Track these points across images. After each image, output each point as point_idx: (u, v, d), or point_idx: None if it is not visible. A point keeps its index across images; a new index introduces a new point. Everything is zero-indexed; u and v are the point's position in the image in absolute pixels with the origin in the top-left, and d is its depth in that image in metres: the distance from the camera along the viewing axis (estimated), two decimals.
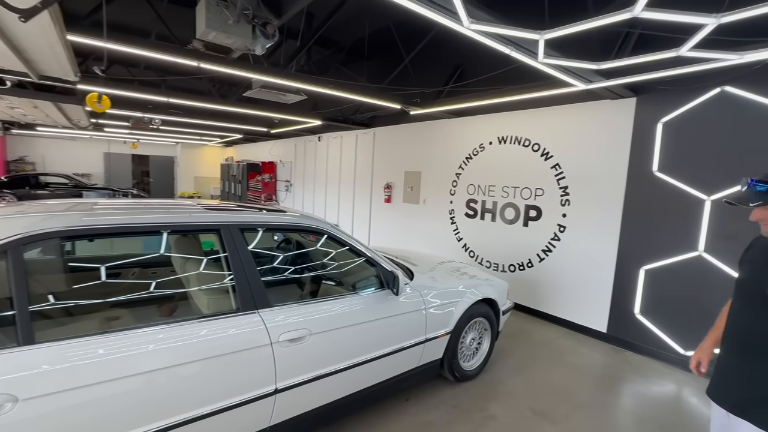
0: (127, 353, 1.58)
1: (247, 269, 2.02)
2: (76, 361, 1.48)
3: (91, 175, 15.70)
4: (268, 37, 2.41)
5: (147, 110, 7.59)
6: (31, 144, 14.45)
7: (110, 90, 5.15)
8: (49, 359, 1.43)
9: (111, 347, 1.56)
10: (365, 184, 8.06)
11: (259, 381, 1.92)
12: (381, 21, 5.02)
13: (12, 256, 1.47)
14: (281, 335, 1.99)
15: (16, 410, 1.33)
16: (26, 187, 11.91)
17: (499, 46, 2.69)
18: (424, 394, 3.04)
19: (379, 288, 2.55)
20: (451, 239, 6.07)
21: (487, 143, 5.48)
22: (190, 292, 2.12)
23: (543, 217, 4.80)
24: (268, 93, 5.16)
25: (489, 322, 3.37)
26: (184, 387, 1.70)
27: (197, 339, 1.76)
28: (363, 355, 2.36)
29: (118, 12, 4.92)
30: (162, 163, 17.43)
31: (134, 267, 2.65)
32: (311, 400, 2.18)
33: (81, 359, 1.49)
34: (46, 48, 2.82)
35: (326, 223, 2.51)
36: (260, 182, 12.26)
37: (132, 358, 1.58)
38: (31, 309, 1.47)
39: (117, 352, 1.56)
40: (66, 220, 1.66)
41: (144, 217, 1.87)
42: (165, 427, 1.64)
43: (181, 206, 2.18)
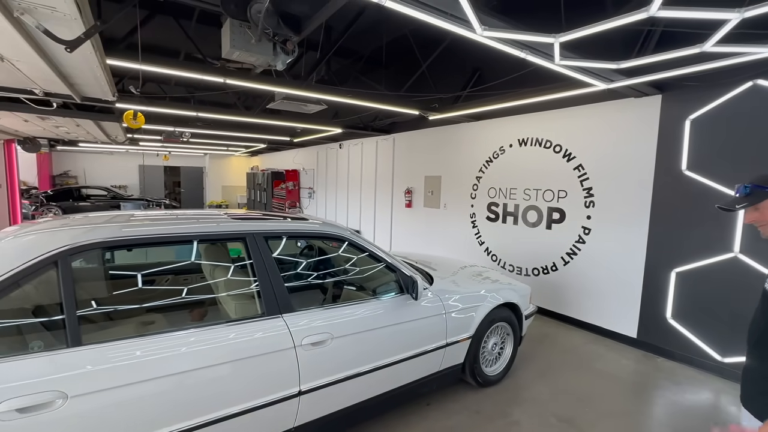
0: (162, 355, 1.69)
1: (272, 275, 2.12)
2: (117, 362, 1.60)
3: (128, 187, 16.59)
4: (288, 53, 2.53)
5: (178, 124, 7.99)
6: (73, 159, 15.44)
7: (144, 107, 5.47)
8: (93, 360, 1.56)
9: (147, 349, 1.68)
10: (386, 190, 8.13)
11: (283, 383, 2.00)
12: (397, 30, 5.10)
13: (61, 265, 1.62)
14: (304, 339, 2.07)
15: (66, 406, 1.46)
16: (70, 200, 12.74)
17: (513, 50, 2.70)
18: (446, 398, 3.05)
19: (399, 293, 2.60)
20: (472, 243, 6.03)
21: (507, 146, 5.44)
22: (219, 297, 2.24)
23: (567, 219, 4.70)
24: (290, 104, 5.33)
25: (511, 326, 3.34)
26: (212, 388, 1.80)
27: (225, 342, 1.86)
28: (384, 359, 2.41)
29: (150, 33, 5.25)
30: (192, 173, 18.19)
31: (168, 274, 2.81)
32: (334, 403, 2.24)
33: (120, 360, 1.61)
34: (87, 73, 3.06)
35: (346, 230, 2.58)
36: (284, 190, 12.58)
37: (166, 360, 1.69)
38: (79, 313, 1.61)
39: (152, 354, 1.68)
40: (107, 232, 1.80)
41: (176, 228, 2.00)
42: (196, 425, 1.74)
43: (209, 216, 2.32)
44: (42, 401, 1.42)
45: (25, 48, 2.37)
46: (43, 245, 1.62)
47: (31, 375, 1.43)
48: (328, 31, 5.16)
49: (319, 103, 5.39)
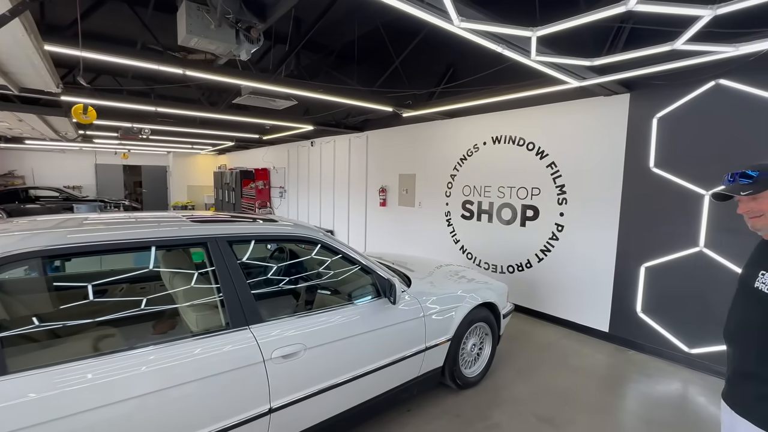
0: (117, 377, 1.49)
1: (237, 283, 1.93)
2: (63, 387, 1.38)
3: (82, 188, 15.51)
4: (252, 41, 2.33)
5: (137, 120, 7.48)
6: (19, 157, 14.25)
7: (97, 101, 5.04)
8: (24, 389, 1.33)
9: (100, 371, 1.47)
10: (360, 189, 7.98)
11: (252, 401, 1.83)
12: (370, 23, 4.96)
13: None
14: (274, 351, 1.90)
15: None
16: (16, 202, 11.73)
17: (490, 44, 2.63)
18: (426, 403, 2.96)
19: (376, 297, 2.47)
20: (448, 242, 6.00)
21: (481, 143, 5.43)
22: (179, 308, 2.03)
23: (540, 216, 4.74)
24: (258, 99, 5.07)
25: (490, 326, 3.29)
26: (172, 410, 1.61)
27: (186, 359, 1.67)
28: (361, 368, 2.28)
29: (102, 22, 4.83)
30: (154, 172, 17.25)
31: (122, 283, 2.55)
32: (308, 418, 2.09)
33: (65, 386, 1.39)
34: (23, 59, 2.73)
35: (318, 232, 2.43)
36: (254, 189, 12.15)
37: (121, 382, 1.49)
38: (2, 335, 1.38)
39: (105, 376, 1.47)
40: (48, 239, 1.57)
41: (129, 233, 1.78)
42: None
43: (168, 219, 2.10)
44: None
45: None
46: None
47: None
48: (298, 23, 4.94)
49: (288, 98, 5.17)
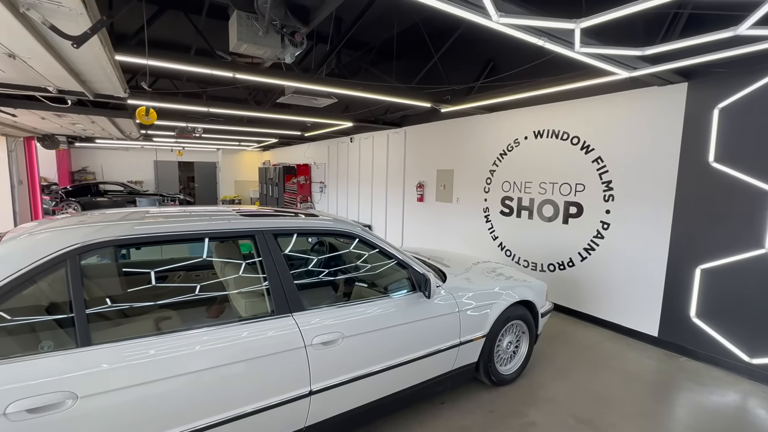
0: (174, 354, 1.67)
1: (281, 273, 2.08)
2: (129, 361, 1.58)
3: (143, 182, 16.87)
4: (296, 45, 2.46)
5: (190, 120, 8.03)
6: (91, 155, 15.76)
7: (156, 103, 5.49)
8: (104, 359, 1.54)
9: (161, 348, 1.66)
10: (398, 184, 8.05)
11: (294, 382, 1.97)
12: (409, 19, 4.98)
13: (70, 264, 1.60)
14: (315, 338, 2.03)
15: (76, 407, 1.45)
16: (88, 195, 13.03)
17: (530, 38, 2.58)
18: (460, 397, 2.99)
19: (411, 290, 2.54)
20: (486, 238, 5.92)
21: (522, 138, 5.28)
22: (230, 295, 2.21)
23: (584, 213, 4.55)
24: (300, 98, 5.27)
25: (527, 324, 3.25)
26: (223, 387, 1.77)
27: (236, 341, 1.83)
28: (396, 358, 2.36)
29: (161, 29, 5.24)
30: (205, 168, 18.39)
31: (180, 271, 2.81)
32: (345, 402, 2.21)
33: (133, 359, 1.59)
34: (98, 69, 3.05)
35: (356, 226, 2.52)
36: (296, 184, 12.60)
37: (178, 359, 1.67)
38: (88, 312, 1.60)
39: (165, 353, 1.66)
40: (119, 230, 1.78)
41: (187, 225, 1.97)
42: (207, 425, 1.72)
43: (219, 213, 2.28)
44: (52, 402, 1.41)
45: (34, 45, 2.36)
46: (53, 244, 1.61)
47: (40, 375, 1.42)
48: (338, 23, 5.06)
49: (329, 96, 5.32)
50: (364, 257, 2.74)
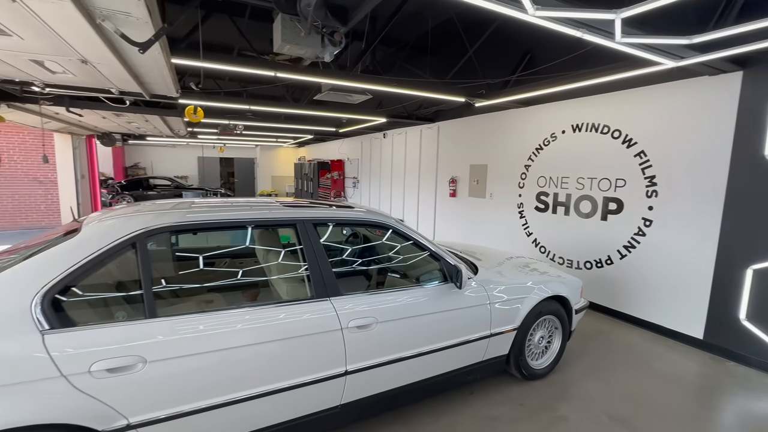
0: (222, 330, 1.85)
1: (320, 260, 2.22)
2: (184, 334, 1.77)
3: (188, 177, 17.89)
4: (335, 44, 2.58)
5: (232, 117, 8.46)
6: (142, 152, 16.92)
7: (203, 102, 5.85)
8: (165, 331, 1.74)
9: (209, 324, 1.84)
10: (430, 179, 8.07)
11: (331, 362, 2.10)
12: (443, 14, 4.99)
13: (139, 246, 1.81)
14: (350, 322, 2.15)
15: (145, 370, 1.65)
16: (140, 189, 14.01)
17: (568, 30, 2.54)
18: (490, 389, 3.03)
19: (443, 281, 2.60)
20: (520, 234, 5.84)
21: (559, 132, 5.15)
22: (272, 279, 2.38)
23: (625, 210, 4.39)
24: (336, 95, 5.43)
25: (560, 320, 3.22)
26: (267, 363, 1.93)
27: (278, 321, 1.98)
28: (426, 346, 2.44)
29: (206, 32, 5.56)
30: (244, 164, 19.22)
31: (225, 257, 3.03)
32: (378, 384, 2.32)
33: (187, 332, 1.78)
34: (156, 72, 3.34)
35: (391, 218, 2.62)
36: (330, 179, 12.91)
37: (226, 335, 1.85)
38: (154, 289, 1.81)
39: (213, 329, 1.84)
40: (175, 217, 1.99)
41: (234, 214, 2.15)
42: (251, 395, 1.89)
43: (262, 204, 2.46)
44: (126, 364, 1.62)
45: (105, 51, 2.63)
46: (125, 228, 1.82)
47: (117, 341, 1.63)
48: (373, 21, 5.16)
49: (364, 93, 5.44)
50: (397, 248, 2.83)
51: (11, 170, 9.49)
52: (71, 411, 1.53)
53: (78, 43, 2.57)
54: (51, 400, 1.50)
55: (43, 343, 1.52)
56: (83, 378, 1.55)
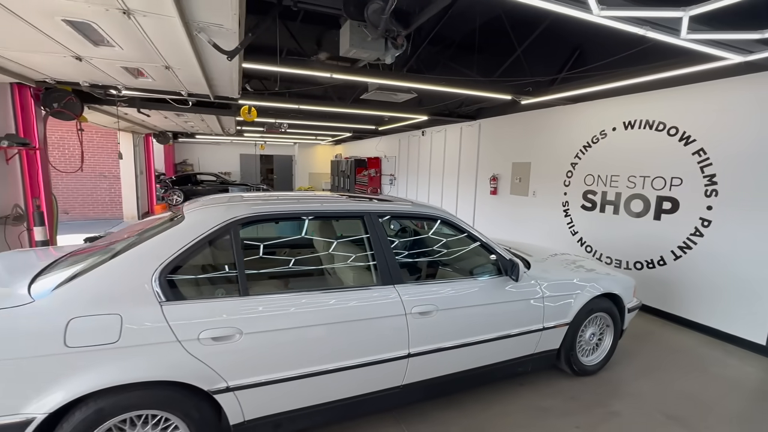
0: (300, 309, 2.05)
1: (385, 249, 2.38)
2: (273, 311, 1.99)
3: (231, 173, 18.78)
4: (397, 47, 2.73)
5: (277, 116, 8.85)
6: (190, 149, 17.94)
7: (256, 102, 6.20)
8: (257, 307, 1.96)
9: (290, 303, 2.05)
10: (470, 177, 8.09)
11: (396, 344, 2.26)
12: (491, 12, 5.01)
13: (233, 232, 2.05)
14: (413, 308, 2.30)
15: (242, 340, 1.88)
16: (188, 184, 14.90)
17: (631, 28, 2.55)
18: (539, 382, 3.09)
19: (497, 274, 2.70)
20: (564, 233, 5.77)
21: (609, 129, 5.05)
22: (342, 266, 2.54)
23: (681, 209, 4.26)
24: (382, 94, 5.60)
25: (612, 318, 3.23)
26: (338, 341, 2.12)
27: (348, 304, 2.16)
28: (482, 335, 2.55)
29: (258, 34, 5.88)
30: (283, 161, 19.91)
31: (299, 246, 3.19)
32: (436, 369, 2.46)
33: (275, 310, 2.00)
34: (226, 76, 3.64)
35: (449, 213, 2.75)
36: (366, 176, 13.16)
37: (303, 314, 2.04)
38: (247, 271, 2.04)
39: (294, 308, 2.04)
40: (262, 208, 2.20)
41: (310, 206, 2.36)
42: (325, 370, 2.08)
43: (333, 197, 2.66)
44: (227, 334, 1.86)
45: (191, 59, 2.93)
46: (221, 216, 2.07)
47: (220, 314, 1.87)
48: None
49: (409, 91, 5.57)
50: (453, 241, 2.94)
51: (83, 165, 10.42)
52: (184, 371, 1.78)
53: (169, 52, 2.87)
54: (169, 360, 1.76)
55: (162, 313, 1.78)
56: (193, 344, 1.80)
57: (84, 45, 2.78)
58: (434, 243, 3.24)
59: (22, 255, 2.57)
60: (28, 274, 2.01)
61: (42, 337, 1.60)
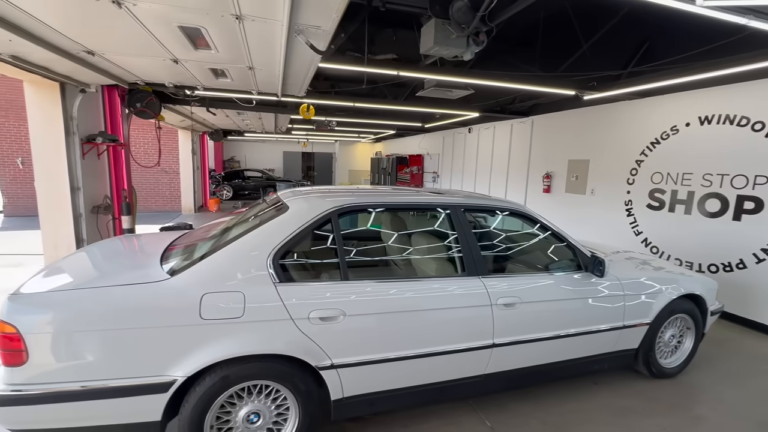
0: (394, 296, 2.15)
1: (470, 241, 2.44)
2: (369, 296, 2.11)
3: (274, 170, 19.48)
4: (478, 44, 2.77)
5: (325, 113, 9.09)
6: (237, 147, 18.79)
7: (315, 100, 6.43)
8: (357, 292, 2.09)
9: (384, 289, 2.15)
10: (520, 175, 7.94)
11: (481, 334, 2.32)
12: (555, 5, 4.90)
13: (333, 221, 2.19)
14: (498, 299, 2.35)
15: (345, 321, 2.02)
16: (236, 180, 15.63)
17: (731, 17, 2.45)
18: (615, 382, 3.04)
19: (578, 270, 2.69)
20: (626, 232, 5.56)
21: (682, 125, 4.81)
22: (430, 256, 2.56)
23: (766, 209, 4.00)
24: (438, 90, 5.63)
25: (693, 320, 3.11)
26: (428, 328, 2.20)
27: (438, 293, 2.24)
28: (563, 330, 2.56)
29: None
30: (323, 158, 20.39)
31: (377, 238, 3.28)
32: (517, 360, 2.50)
33: (371, 295, 2.11)
34: (302, 75, 3.82)
35: (527, 208, 2.76)
36: (408, 174, 13.23)
37: (396, 300, 2.14)
38: (347, 258, 2.17)
39: (388, 294, 2.14)
40: (356, 199, 2.32)
41: (400, 198, 2.48)
42: (415, 354, 2.17)
43: (419, 191, 2.75)
44: (333, 315, 2.00)
45: (278, 60, 3.12)
46: (322, 206, 2.21)
47: (327, 296, 2.02)
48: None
49: (466, 88, 5.56)
50: (531, 236, 2.94)
51: (145, 162, 11.23)
52: (296, 347, 1.94)
53: (259, 53, 3.08)
54: (284, 336, 1.92)
55: (277, 293, 1.95)
56: (304, 323, 1.95)
57: (186, 48, 3.04)
58: (508, 236, 3.25)
59: (131, 240, 2.86)
60: (153, 256, 2.25)
61: (182, 309, 1.80)
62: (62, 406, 1.70)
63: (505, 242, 3.04)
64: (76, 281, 1.91)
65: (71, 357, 1.69)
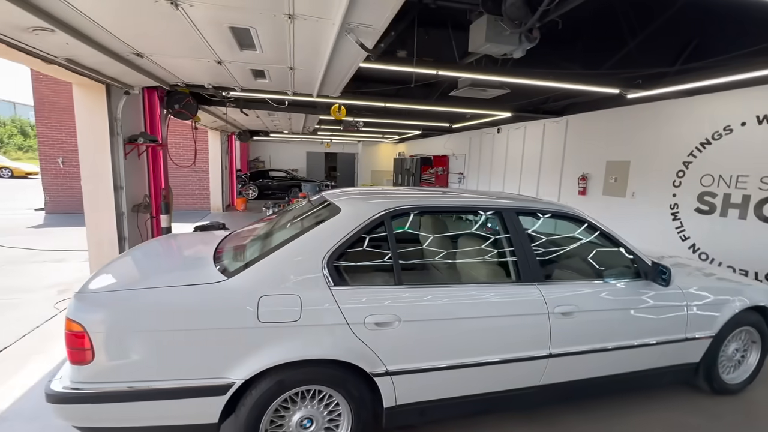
0: (448, 302, 2.07)
1: (525, 246, 2.34)
2: (424, 301, 2.04)
3: (298, 170, 19.69)
4: (531, 41, 2.67)
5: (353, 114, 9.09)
6: (262, 147, 19.09)
7: (345, 101, 6.42)
8: (410, 297, 2.03)
9: (438, 295, 2.08)
10: (553, 176, 7.71)
11: (537, 343, 2.22)
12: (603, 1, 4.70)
13: (386, 223, 2.13)
14: (556, 307, 2.24)
15: (400, 326, 1.96)
16: (261, 179, 15.86)
17: None
18: (673, 397, 2.86)
19: (637, 277, 2.54)
20: (672, 238, 5.29)
21: (737, 124, 4.54)
22: (483, 261, 2.46)
23: None
24: (472, 90, 5.50)
25: (760, 333, 2.90)
26: (484, 335, 2.12)
27: (493, 299, 2.15)
28: (623, 341, 2.42)
29: None
30: (346, 159, 20.47)
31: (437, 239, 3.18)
32: (574, 372, 2.37)
33: (425, 301, 2.05)
34: (341, 75, 3.80)
35: (581, 212, 2.63)
36: (433, 174, 13.09)
37: (450, 306, 2.06)
38: (401, 262, 2.11)
39: (443, 300, 2.07)
40: (408, 200, 2.26)
41: (450, 200, 2.41)
42: (468, 363, 2.09)
43: (469, 193, 2.66)
44: (388, 320, 1.94)
45: (322, 60, 3.10)
46: (374, 208, 2.15)
47: (383, 300, 1.96)
48: None
49: (501, 87, 5.42)
50: (585, 242, 2.80)
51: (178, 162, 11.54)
52: (352, 352, 1.89)
53: (303, 53, 3.06)
54: (340, 341, 1.87)
55: (332, 296, 1.90)
56: (360, 327, 1.90)
57: (232, 49, 3.05)
58: (561, 241, 3.10)
59: (179, 240, 2.89)
60: (206, 256, 2.25)
61: (240, 311, 1.78)
62: (125, 406, 1.71)
63: (559, 247, 2.92)
64: (139, 281, 1.93)
65: (135, 357, 1.69)
